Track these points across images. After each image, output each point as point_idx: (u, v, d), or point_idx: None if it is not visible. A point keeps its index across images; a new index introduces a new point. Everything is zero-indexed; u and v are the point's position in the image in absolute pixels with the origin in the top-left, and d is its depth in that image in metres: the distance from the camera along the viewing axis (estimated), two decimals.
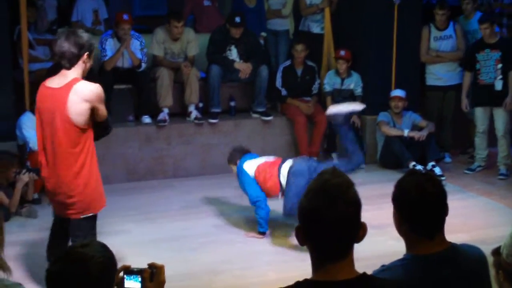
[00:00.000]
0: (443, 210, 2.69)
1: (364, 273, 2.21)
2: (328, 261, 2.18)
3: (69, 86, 4.57)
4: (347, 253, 2.20)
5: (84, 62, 4.63)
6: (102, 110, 4.74)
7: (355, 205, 2.19)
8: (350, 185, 2.19)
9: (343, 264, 2.18)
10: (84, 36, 4.66)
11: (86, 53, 4.62)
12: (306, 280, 2.20)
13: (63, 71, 4.65)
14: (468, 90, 8.57)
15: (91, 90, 4.60)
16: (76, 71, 4.63)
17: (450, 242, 2.73)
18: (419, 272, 2.62)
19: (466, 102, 8.58)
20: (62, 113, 4.57)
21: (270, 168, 6.40)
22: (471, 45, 8.69)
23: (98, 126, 4.83)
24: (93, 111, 4.66)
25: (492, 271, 3.38)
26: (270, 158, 6.63)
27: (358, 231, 2.21)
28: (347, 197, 2.16)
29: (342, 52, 8.92)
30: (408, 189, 2.68)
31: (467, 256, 2.75)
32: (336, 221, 2.14)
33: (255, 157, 6.72)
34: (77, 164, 4.76)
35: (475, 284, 2.70)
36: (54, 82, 4.68)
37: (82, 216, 4.81)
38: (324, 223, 2.14)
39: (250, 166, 6.50)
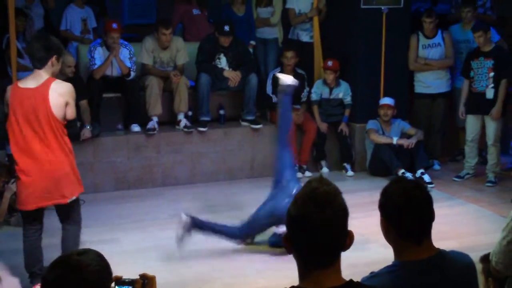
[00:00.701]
0: (430, 216, 2.70)
1: (351, 280, 2.21)
2: (315, 268, 2.19)
3: (46, 84, 5.12)
4: (334, 260, 2.21)
5: (52, 64, 5.15)
6: (72, 107, 5.26)
7: (343, 212, 2.20)
8: (338, 193, 2.21)
9: (329, 272, 2.19)
10: (53, 40, 5.25)
11: (54, 56, 5.14)
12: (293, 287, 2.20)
13: (36, 72, 5.17)
14: (466, 98, 8.57)
15: (66, 86, 5.21)
16: (47, 71, 5.15)
17: (438, 249, 2.74)
18: (407, 279, 2.63)
19: (463, 109, 8.58)
20: (46, 109, 5.10)
21: None
22: (468, 52, 8.72)
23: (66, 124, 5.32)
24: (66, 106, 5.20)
25: (481, 278, 3.40)
26: None
27: (345, 239, 2.22)
28: (335, 205, 2.18)
29: (330, 63, 8.92)
30: (394, 196, 2.70)
31: (455, 263, 2.76)
32: (324, 229, 2.15)
33: None
34: (65, 150, 5.31)
35: None
36: (29, 83, 5.21)
37: (73, 198, 5.39)
38: (312, 230, 2.15)
39: None
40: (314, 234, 2.15)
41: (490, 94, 8.25)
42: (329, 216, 2.15)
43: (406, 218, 2.66)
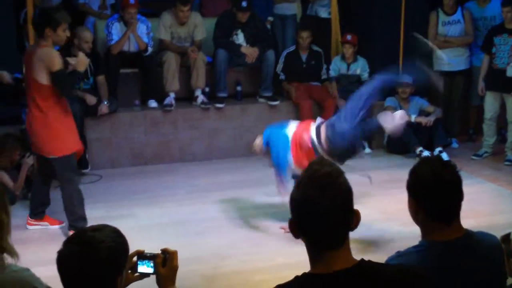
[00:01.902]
0: (459, 196, 2.66)
1: (362, 260, 2.19)
2: (324, 251, 2.17)
3: (35, 51, 5.64)
4: (343, 241, 2.18)
5: (47, 34, 5.57)
6: (53, 73, 5.59)
7: (346, 192, 2.18)
8: (340, 174, 2.19)
9: (339, 253, 2.17)
10: (49, 13, 5.63)
11: (47, 28, 5.54)
12: (304, 274, 2.19)
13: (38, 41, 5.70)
14: (485, 74, 8.49)
15: (45, 52, 5.59)
16: (45, 40, 5.60)
17: (466, 229, 2.70)
18: (434, 259, 2.60)
19: (483, 85, 8.51)
20: (31, 72, 5.66)
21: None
22: (491, 27, 8.61)
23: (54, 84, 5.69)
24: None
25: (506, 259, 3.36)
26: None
27: (352, 218, 2.19)
28: (338, 186, 2.16)
29: (349, 37, 8.89)
30: (424, 176, 2.65)
31: (483, 244, 2.72)
32: (329, 210, 2.13)
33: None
34: (42, 110, 5.74)
35: (491, 271, 2.68)
36: (30, 48, 5.96)
37: (54, 157, 5.85)
38: (317, 213, 2.13)
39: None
40: (319, 216, 2.13)
41: (510, 72, 8.14)
42: (332, 197, 2.13)
43: (436, 199, 2.62)
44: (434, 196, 2.62)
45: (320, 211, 2.13)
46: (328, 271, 2.14)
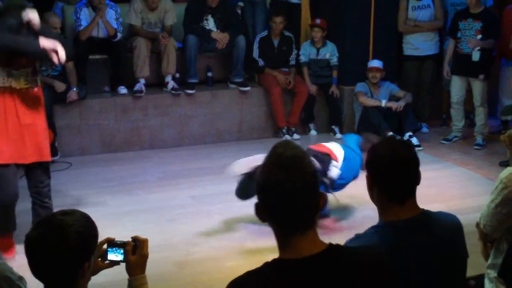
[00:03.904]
0: (415, 176, 2.67)
1: (330, 244, 2.18)
2: (292, 234, 2.14)
3: None
4: (310, 224, 2.16)
5: None
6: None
7: (312, 174, 2.16)
8: (304, 156, 2.17)
9: (308, 237, 2.14)
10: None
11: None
12: (274, 260, 2.17)
13: None
14: (450, 58, 8.56)
15: None
16: None
17: (422, 209, 2.71)
18: (392, 238, 2.60)
19: (448, 68, 8.58)
20: None
21: None
22: (456, 12, 8.67)
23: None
24: None
25: (480, 244, 3.39)
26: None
27: (318, 200, 2.18)
28: (303, 167, 2.13)
29: (318, 20, 8.93)
30: (381, 154, 2.68)
31: (441, 223, 2.73)
32: (295, 192, 2.10)
33: None
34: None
35: (449, 250, 2.69)
36: None
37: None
38: (283, 195, 2.10)
39: None
40: (285, 199, 2.10)
41: (476, 56, 8.19)
42: (297, 179, 2.10)
43: (390, 177, 2.64)
44: (388, 174, 2.64)
45: (286, 194, 2.09)
46: (297, 257, 2.12)
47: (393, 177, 2.64)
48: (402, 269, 2.48)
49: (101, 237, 2.78)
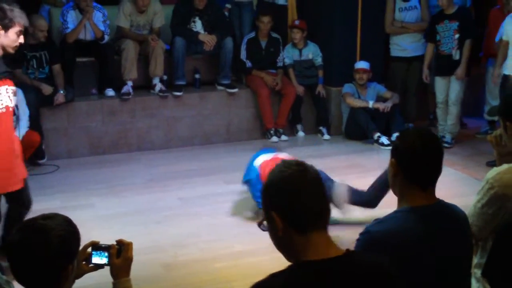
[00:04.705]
0: (440, 166, 2.78)
1: (348, 250, 2.23)
2: (311, 233, 2.17)
3: None
4: (326, 224, 2.23)
5: None
6: None
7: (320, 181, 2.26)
8: (310, 167, 2.26)
9: (325, 236, 2.20)
10: (5, 9, 4.74)
11: None
12: (298, 263, 2.18)
13: None
14: (430, 62, 8.62)
15: None
16: None
17: (439, 198, 2.81)
18: (413, 223, 2.68)
19: (427, 73, 8.64)
20: None
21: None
22: (432, 16, 8.74)
23: None
24: None
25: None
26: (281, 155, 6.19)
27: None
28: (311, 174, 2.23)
29: (296, 22, 8.99)
30: (411, 140, 2.76)
31: (455, 213, 2.85)
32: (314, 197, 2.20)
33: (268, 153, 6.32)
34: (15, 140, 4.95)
35: (461, 239, 2.80)
36: None
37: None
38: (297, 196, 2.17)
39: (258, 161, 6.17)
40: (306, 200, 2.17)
41: (456, 55, 8.29)
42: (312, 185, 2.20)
43: (419, 161, 2.72)
44: (417, 158, 2.73)
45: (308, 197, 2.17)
46: (321, 257, 2.15)
47: (423, 165, 2.73)
48: (419, 253, 2.62)
49: (89, 239, 2.78)
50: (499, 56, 7.84)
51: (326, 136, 8.95)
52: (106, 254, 2.68)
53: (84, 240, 2.57)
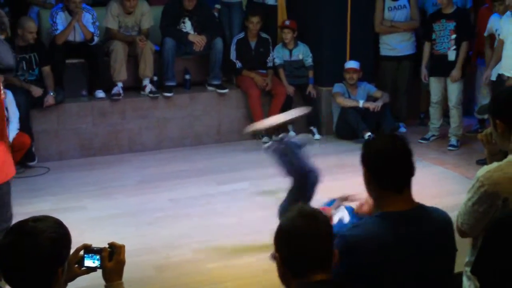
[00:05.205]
0: (410, 166, 2.80)
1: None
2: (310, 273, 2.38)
3: None
4: (329, 266, 2.41)
5: None
6: None
7: (329, 229, 2.46)
8: (321, 212, 2.48)
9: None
10: None
11: None
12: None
13: None
14: (428, 61, 8.60)
15: None
16: None
17: (418, 203, 2.83)
18: (389, 229, 2.70)
19: (425, 72, 8.60)
20: None
21: None
22: (429, 14, 8.74)
23: None
24: None
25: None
26: None
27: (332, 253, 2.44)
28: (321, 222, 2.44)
29: (287, 22, 8.98)
30: (378, 146, 2.80)
31: (434, 217, 2.86)
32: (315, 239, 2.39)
33: None
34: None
35: (439, 243, 2.82)
36: None
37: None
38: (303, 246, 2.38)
39: None
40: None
41: (452, 56, 8.28)
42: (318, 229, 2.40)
43: (388, 167, 2.75)
44: (385, 164, 2.75)
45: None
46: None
47: (391, 168, 2.75)
48: (393, 258, 2.65)
49: (81, 242, 2.77)
50: (494, 55, 7.82)
51: (317, 136, 8.96)
52: (98, 257, 2.67)
53: (76, 242, 2.56)
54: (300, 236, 2.36)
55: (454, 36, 8.25)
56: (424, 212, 2.82)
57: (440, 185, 7.20)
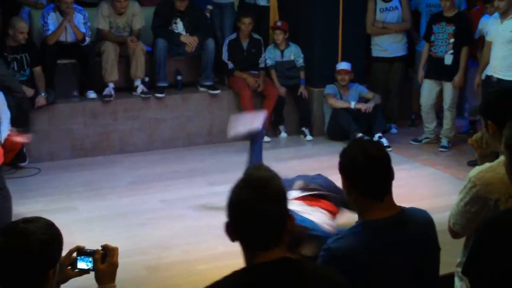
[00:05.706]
0: (389, 173, 2.76)
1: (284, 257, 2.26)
2: (260, 252, 2.25)
3: None
4: (277, 243, 2.25)
5: None
6: None
7: (280, 195, 2.25)
8: (274, 177, 2.26)
9: (272, 254, 2.24)
10: None
11: None
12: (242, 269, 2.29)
13: None
14: (425, 62, 8.57)
15: None
16: None
17: (399, 206, 2.80)
18: (372, 238, 2.69)
19: (422, 73, 8.57)
20: None
21: None
22: (431, 15, 8.73)
23: None
24: None
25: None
26: None
27: (285, 223, 2.25)
28: (270, 190, 2.22)
29: (279, 23, 8.99)
30: (354, 155, 2.76)
31: (416, 219, 2.84)
32: (261, 213, 2.20)
33: None
34: None
35: (422, 246, 2.80)
36: None
37: None
38: (251, 215, 2.21)
39: None
40: (253, 219, 2.22)
41: (448, 60, 8.26)
42: (267, 199, 2.20)
43: (366, 175, 2.71)
44: (363, 173, 2.72)
45: (254, 214, 2.20)
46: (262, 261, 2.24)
47: (369, 175, 2.71)
48: (381, 267, 2.63)
49: (72, 243, 2.76)
50: (483, 58, 7.84)
51: (309, 137, 8.97)
52: (91, 259, 2.67)
53: (66, 243, 2.55)
54: (248, 210, 2.23)
55: (452, 40, 8.22)
56: (406, 216, 2.80)
57: (431, 186, 7.22)
